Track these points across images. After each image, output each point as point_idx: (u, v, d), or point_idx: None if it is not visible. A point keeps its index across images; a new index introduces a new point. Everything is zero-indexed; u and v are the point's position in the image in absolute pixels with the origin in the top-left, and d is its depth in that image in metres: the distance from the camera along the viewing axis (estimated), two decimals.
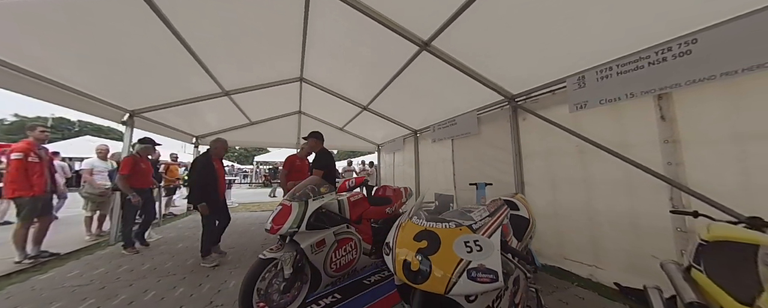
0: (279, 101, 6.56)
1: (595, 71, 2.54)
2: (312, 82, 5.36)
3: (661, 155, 2.21)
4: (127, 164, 3.44)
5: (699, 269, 0.93)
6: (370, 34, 3.22)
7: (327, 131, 8.06)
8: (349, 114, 6.69)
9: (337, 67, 4.51)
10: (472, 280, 0.82)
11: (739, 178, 1.84)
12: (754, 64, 1.67)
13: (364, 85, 4.95)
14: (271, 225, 1.84)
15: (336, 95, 5.57)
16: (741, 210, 1.70)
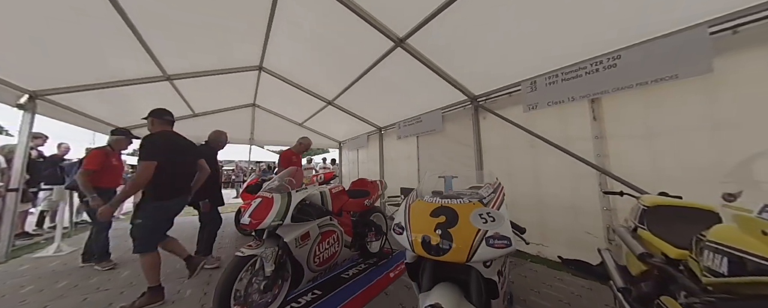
0: (231, 91, 5.96)
1: (545, 77, 2.96)
2: (273, 73, 5.01)
3: (593, 148, 2.69)
4: (96, 158, 2.81)
5: (643, 228, 1.19)
6: (347, 26, 3.17)
7: (285, 127, 7.67)
8: (312, 109, 6.44)
9: (304, 57, 4.30)
10: (490, 247, 0.91)
11: (648, 165, 2.36)
12: (659, 76, 2.16)
13: (331, 79, 4.83)
14: (250, 220, 1.69)
15: (300, 88, 5.31)
16: (650, 189, 2.19)
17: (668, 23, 2.10)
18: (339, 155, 8.69)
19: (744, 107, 1.90)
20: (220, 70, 4.70)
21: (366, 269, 2.64)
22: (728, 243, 0.66)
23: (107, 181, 3.00)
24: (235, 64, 4.71)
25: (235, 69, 4.82)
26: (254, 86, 5.87)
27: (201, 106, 6.16)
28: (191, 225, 5.25)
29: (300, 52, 4.14)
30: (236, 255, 1.61)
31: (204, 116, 6.53)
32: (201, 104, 6.05)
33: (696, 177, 2.09)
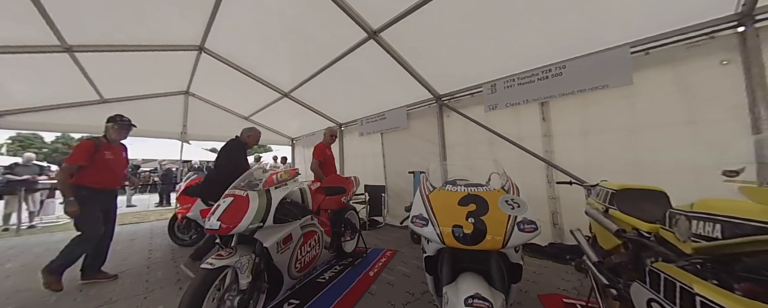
0: (158, 74, 4.96)
1: (504, 81, 3.27)
2: (217, 56, 4.33)
3: (542, 145, 3.09)
4: (82, 151, 2.29)
5: (614, 208, 1.40)
6: (318, 10, 2.94)
7: (227, 120, 6.74)
8: (262, 101, 5.82)
9: (259, 41, 3.82)
10: (521, 232, 0.93)
11: (583, 159, 2.82)
12: (594, 85, 2.60)
13: (291, 69, 4.43)
14: (220, 224, 1.39)
15: (251, 76, 4.72)
16: (586, 178, 2.62)
17: (602, 42, 2.54)
18: (291, 153, 8.07)
19: (653, 113, 2.43)
20: (147, 46, 3.84)
21: (342, 270, 2.48)
22: (720, 213, 0.80)
23: (99, 180, 2.38)
24: (168, 41, 3.91)
25: (169, 47, 4.01)
26: (190, 70, 4.99)
27: (114, 90, 4.93)
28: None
29: (255, 34, 3.66)
30: (204, 269, 1.30)
31: (117, 103, 5.25)
32: (114, 87, 4.85)
33: (618, 168, 2.57)
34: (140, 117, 5.56)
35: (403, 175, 4.73)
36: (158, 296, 2.11)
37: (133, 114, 5.51)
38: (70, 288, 2.26)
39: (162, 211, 7.01)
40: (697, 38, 2.18)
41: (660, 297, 0.92)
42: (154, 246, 3.58)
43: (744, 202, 0.80)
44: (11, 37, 2.99)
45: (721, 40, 2.07)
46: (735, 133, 2.04)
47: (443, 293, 1.00)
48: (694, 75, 2.25)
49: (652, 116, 2.44)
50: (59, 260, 2.18)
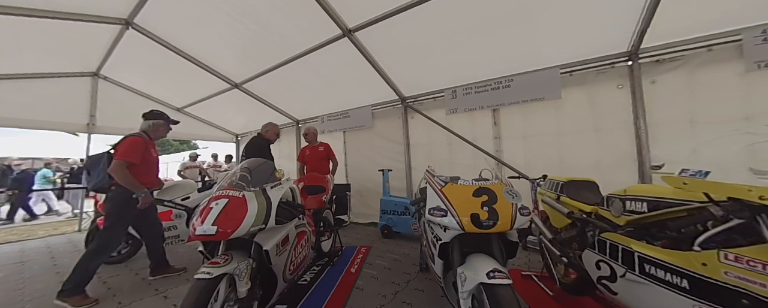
0: (58, 49, 3.92)
1: (463, 88, 3.68)
2: (149, 33, 3.66)
3: (493, 145, 3.60)
4: (136, 148, 2.17)
5: (563, 195, 1.79)
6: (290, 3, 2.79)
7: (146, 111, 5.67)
8: (204, 91, 5.14)
9: (209, 26, 3.39)
10: (522, 216, 1.15)
11: (525, 157, 3.40)
12: (534, 97, 3.17)
13: (245, 57, 4.03)
14: (217, 228, 1.26)
15: (195, 62, 4.12)
16: (528, 173, 3.19)
17: (540, 62, 3.12)
18: (236, 151, 7.26)
19: (573, 121, 3.10)
20: (57, 12, 3.02)
21: (322, 270, 2.45)
22: (645, 194, 1.17)
23: (146, 180, 2.27)
24: (82, 8, 3.14)
25: (81, 16, 3.22)
26: (106, 48, 4.08)
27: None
28: None
29: (206, 17, 3.24)
30: (200, 279, 1.17)
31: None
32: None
33: (549, 165, 3.19)
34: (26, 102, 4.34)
35: (366, 174, 4.83)
36: None
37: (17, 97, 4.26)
38: None
39: (56, 224, 5.47)
40: (602, 66, 2.89)
41: (606, 258, 1.27)
42: (65, 267, 2.83)
43: (661, 187, 1.17)
44: None
45: (618, 69, 2.80)
46: (624, 138, 2.79)
47: (459, 273, 1.15)
48: (600, 94, 2.96)
49: (572, 124, 3.12)
50: (77, 278, 2.04)
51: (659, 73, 2.61)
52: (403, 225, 3.48)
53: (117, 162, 2.09)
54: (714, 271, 0.84)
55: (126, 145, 2.19)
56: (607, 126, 2.92)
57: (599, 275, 1.33)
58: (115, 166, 2.09)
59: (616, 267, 1.21)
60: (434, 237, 1.34)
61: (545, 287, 1.97)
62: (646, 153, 2.58)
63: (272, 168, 1.77)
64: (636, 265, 1.10)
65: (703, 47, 2.40)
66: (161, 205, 2.87)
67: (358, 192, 4.98)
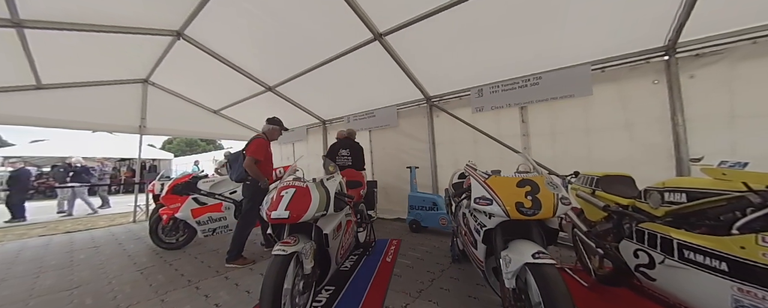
0: (112, 59, 4.41)
1: (489, 86, 3.74)
2: (197, 43, 4.02)
3: (520, 143, 3.64)
4: (262, 148, 2.81)
5: (599, 190, 1.86)
6: (323, 10, 3.01)
7: (192, 113, 6.19)
8: (239, 94, 5.52)
9: (252, 34, 3.69)
10: (563, 205, 1.26)
11: (553, 154, 3.42)
12: (563, 94, 3.19)
13: (279, 62, 4.32)
14: (288, 213, 1.47)
15: (235, 68, 4.46)
16: (556, 170, 3.21)
17: (570, 59, 3.13)
18: None
19: (602, 118, 3.09)
20: (111, 27, 3.40)
21: (359, 259, 2.65)
22: (684, 186, 1.24)
23: (267, 174, 2.85)
24: (138, 22, 3.52)
25: (137, 29, 3.61)
26: (157, 57, 4.52)
27: (53, 75, 4.20)
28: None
29: (247, 25, 3.53)
30: (277, 255, 1.38)
31: (57, 89, 4.49)
32: (56, 72, 4.13)
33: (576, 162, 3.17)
34: (86, 107, 4.88)
35: (392, 171, 5.00)
36: (178, 297, 2.03)
37: (78, 103, 4.80)
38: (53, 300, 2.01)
39: (112, 216, 6.10)
40: (636, 62, 2.86)
41: (645, 247, 1.35)
42: (132, 252, 3.23)
43: (699, 178, 1.24)
44: None
45: (653, 64, 2.77)
46: (658, 133, 2.76)
47: (503, 256, 1.28)
48: (633, 90, 2.93)
49: (602, 120, 3.10)
50: (235, 246, 2.69)
51: (698, 67, 2.57)
52: (431, 220, 3.62)
53: (249, 159, 2.69)
54: (752, 253, 0.91)
55: (254, 145, 2.76)
56: (639, 122, 2.89)
57: (637, 263, 1.40)
58: (248, 162, 2.69)
59: (654, 254, 1.29)
60: (478, 224, 1.47)
61: (580, 279, 2.04)
62: (684, 147, 2.55)
63: (327, 162, 1.96)
64: (675, 252, 1.18)
65: (748, 39, 2.34)
66: (213, 198, 3.19)
67: (383, 189, 5.17)
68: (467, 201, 1.71)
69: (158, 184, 3.83)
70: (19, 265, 2.88)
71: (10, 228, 5.02)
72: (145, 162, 9.03)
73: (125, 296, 2.08)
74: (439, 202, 3.62)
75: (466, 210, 1.74)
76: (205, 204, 3.15)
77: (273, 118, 3.13)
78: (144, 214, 5.56)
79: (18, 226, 5.20)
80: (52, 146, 10.36)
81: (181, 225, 3.24)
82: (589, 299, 1.80)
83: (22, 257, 3.18)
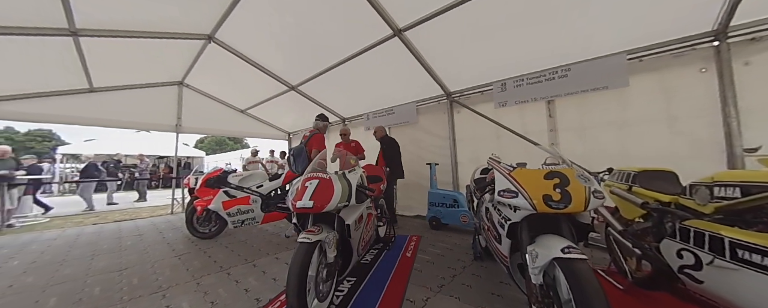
0: (153, 63, 4.74)
1: (513, 80, 3.60)
2: (227, 46, 4.25)
3: (547, 138, 3.47)
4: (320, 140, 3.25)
5: (636, 186, 1.73)
6: (344, 8, 3.06)
7: (221, 113, 6.55)
8: (264, 94, 5.76)
9: (275, 35, 3.83)
10: (596, 198, 1.20)
11: (582, 150, 3.22)
12: (596, 86, 3.00)
13: (301, 61, 4.45)
14: (312, 203, 1.52)
15: (260, 69, 4.67)
16: (587, 167, 3.03)
17: (603, 48, 2.93)
18: (288, 147, 7.97)
19: (640, 110, 2.87)
20: (151, 32, 3.68)
21: (379, 253, 2.68)
22: (737, 180, 1.12)
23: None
24: (175, 28, 3.77)
25: (173, 34, 3.87)
26: (191, 60, 4.83)
27: (104, 79, 4.63)
28: None
29: (271, 27, 3.67)
30: (302, 242, 1.44)
31: (105, 93, 4.93)
32: (105, 76, 4.55)
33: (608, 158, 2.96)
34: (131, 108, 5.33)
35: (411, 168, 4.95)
36: (212, 281, 2.17)
37: (124, 105, 5.25)
38: (104, 280, 2.24)
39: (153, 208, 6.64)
40: (680, 49, 2.62)
41: (690, 246, 1.24)
42: (171, 240, 3.50)
43: (755, 171, 1.12)
44: (15, 16, 2.75)
45: (700, 51, 2.52)
46: (705, 126, 2.51)
47: (530, 251, 1.23)
48: (676, 79, 2.69)
49: (640, 113, 2.88)
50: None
51: (755, 53, 2.31)
52: (451, 217, 3.56)
53: (315, 151, 3.11)
54: None
55: (315, 139, 3.27)
56: (683, 114, 2.65)
57: (681, 264, 1.30)
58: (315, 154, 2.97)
59: (702, 254, 1.19)
60: (502, 218, 1.43)
61: (615, 281, 1.92)
62: (736, 140, 2.30)
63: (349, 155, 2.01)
64: (726, 251, 1.07)
65: None
66: (242, 192, 3.36)
67: (402, 185, 5.15)
68: (490, 195, 1.67)
69: (193, 178, 4.10)
70: (77, 249, 3.22)
71: (70, 216, 5.63)
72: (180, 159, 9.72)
73: (166, 278, 2.26)
74: (460, 199, 3.56)
75: (489, 205, 1.70)
76: (234, 197, 3.33)
77: (321, 114, 3.68)
78: (180, 207, 5.99)
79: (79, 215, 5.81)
80: (101, 144, 11.48)
81: (213, 217, 3.46)
82: (626, 302, 1.69)
83: (79, 242, 3.56)
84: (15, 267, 2.63)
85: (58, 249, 3.21)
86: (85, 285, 2.17)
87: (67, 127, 35.83)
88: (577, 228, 1.32)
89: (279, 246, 3.10)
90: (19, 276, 2.40)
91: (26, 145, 27.07)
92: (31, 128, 30.41)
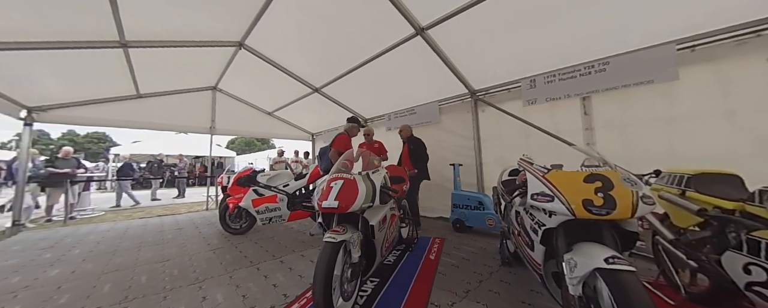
0: (191, 70, 5.08)
1: (544, 76, 3.41)
2: (256, 52, 4.45)
3: (583, 138, 3.24)
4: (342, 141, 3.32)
5: (692, 190, 1.56)
6: (366, 8, 3.07)
7: (251, 115, 6.87)
8: (289, 97, 5.96)
9: (301, 39, 3.95)
10: (645, 204, 1.09)
11: (622, 149, 2.97)
12: (639, 80, 2.74)
13: (325, 65, 4.55)
14: (337, 203, 1.54)
15: (286, 72, 4.84)
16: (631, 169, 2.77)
17: (646, 39, 2.68)
18: (312, 147, 8.21)
19: (692, 106, 2.58)
20: (187, 41, 3.94)
21: (402, 254, 2.66)
22: None
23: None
24: (209, 37, 4.01)
25: (207, 43, 4.12)
26: (223, 66, 5.12)
27: (150, 86, 5.05)
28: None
29: (297, 32, 3.79)
30: (328, 242, 1.46)
31: (150, 98, 5.38)
32: (151, 83, 4.96)
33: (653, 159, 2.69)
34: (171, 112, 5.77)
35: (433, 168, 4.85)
36: (243, 275, 2.28)
37: (166, 109, 5.69)
38: (151, 271, 2.43)
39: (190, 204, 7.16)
40: (743, 35, 2.32)
41: (762, 261, 1.08)
42: (206, 235, 3.74)
43: None
44: (71, 30, 3.09)
45: (767, 38, 2.21)
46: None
47: (567, 259, 1.15)
48: (737, 70, 2.39)
49: (691, 108, 2.59)
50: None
51: None
52: (477, 220, 3.45)
53: (333, 151, 3.23)
54: None
55: (337, 140, 3.34)
56: (746, 108, 2.35)
57: (749, 280, 1.14)
58: (332, 153, 3.21)
59: None
60: (536, 223, 1.35)
61: (663, 296, 1.74)
62: None
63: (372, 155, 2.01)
64: None
65: None
66: (269, 190, 3.51)
67: (424, 186, 5.06)
68: (521, 198, 1.59)
69: (225, 177, 4.35)
70: (126, 240, 3.55)
71: (120, 211, 6.23)
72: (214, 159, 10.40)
73: (202, 271, 2.41)
74: (486, 202, 3.43)
75: (520, 209, 1.62)
76: (262, 195, 3.48)
77: (351, 117, 3.78)
78: (214, 203, 6.39)
79: (126, 210, 6.42)
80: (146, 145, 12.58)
81: (243, 214, 3.64)
82: None
83: (128, 234, 3.92)
84: (76, 255, 2.95)
85: (111, 241, 3.55)
86: (134, 273, 2.38)
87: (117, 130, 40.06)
88: (621, 236, 1.20)
89: (304, 244, 3.19)
90: (80, 263, 2.69)
91: (85, 146, 30.48)
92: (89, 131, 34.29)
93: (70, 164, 5.17)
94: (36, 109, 4.37)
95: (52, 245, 3.38)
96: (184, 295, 1.96)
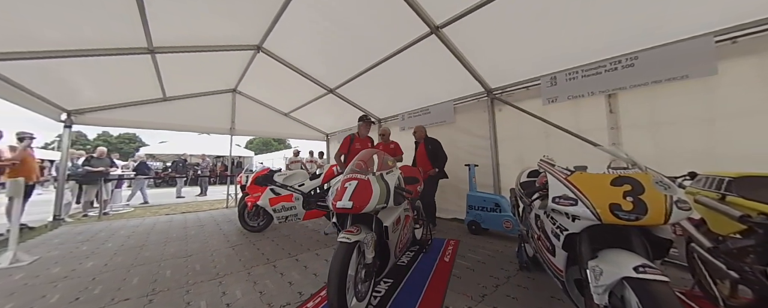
0: (212, 73, 5.29)
1: (565, 73, 3.26)
2: (274, 55, 4.56)
3: (608, 137, 3.07)
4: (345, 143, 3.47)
5: (733, 195, 1.43)
6: (381, 8, 3.06)
7: (268, 117, 7.06)
8: (305, 98, 6.06)
9: (316, 41, 4.00)
10: (680, 209, 1.01)
11: (652, 150, 2.78)
12: (672, 76, 2.56)
13: (340, 66, 4.59)
14: (352, 204, 1.55)
15: (302, 74, 4.93)
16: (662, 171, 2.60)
17: (679, 31, 2.49)
18: (327, 147, 8.33)
19: (734, 102, 2.37)
20: (209, 46, 4.10)
21: (416, 256, 2.63)
22: None
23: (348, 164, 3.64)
24: (228, 41, 4.15)
25: (226, 47, 4.27)
26: (242, 69, 5.29)
27: (175, 89, 5.31)
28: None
29: (312, 34, 3.84)
30: (342, 242, 1.47)
31: (177, 100, 5.65)
32: (176, 86, 5.22)
33: (688, 160, 2.50)
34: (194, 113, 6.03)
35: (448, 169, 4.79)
36: (260, 272, 2.35)
37: (189, 111, 5.95)
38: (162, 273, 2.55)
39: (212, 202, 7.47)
40: None
41: None
42: (226, 232, 3.89)
43: None
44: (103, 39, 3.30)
45: None
46: None
47: (592, 267, 1.09)
48: None
49: (732, 105, 2.38)
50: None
51: None
52: (493, 222, 3.36)
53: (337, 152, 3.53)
54: None
55: (345, 142, 3.51)
56: None
57: None
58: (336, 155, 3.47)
59: None
60: (557, 227, 1.29)
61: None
62: None
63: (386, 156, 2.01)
64: None
65: None
66: (285, 189, 3.59)
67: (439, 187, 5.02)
68: (541, 201, 1.53)
69: (244, 176, 4.49)
70: (153, 235, 3.75)
71: (148, 207, 6.60)
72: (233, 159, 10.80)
73: (222, 266, 2.50)
74: (503, 204, 3.33)
75: (540, 212, 1.55)
76: (279, 194, 3.56)
77: (361, 115, 3.79)
78: (234, 202, 6.63)
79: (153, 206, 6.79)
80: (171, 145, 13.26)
81: (261, 212, 3.75)
82: None
83: (155, 229, 4.15)
84: (109, 249, 3.15)
85: (140, 236, 3.77)
86: (160, 267, 2.51)
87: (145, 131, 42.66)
88: (652, 243, 1.12)
89: (319, 243, 3.24)
90: (112, 256, 2.87)
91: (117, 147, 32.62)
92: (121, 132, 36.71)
93: (104, 163, 5.54)
94: (74, 112, 4.71)
95: (88, 239, 3.63)
96: (205, 289, 2.04)
